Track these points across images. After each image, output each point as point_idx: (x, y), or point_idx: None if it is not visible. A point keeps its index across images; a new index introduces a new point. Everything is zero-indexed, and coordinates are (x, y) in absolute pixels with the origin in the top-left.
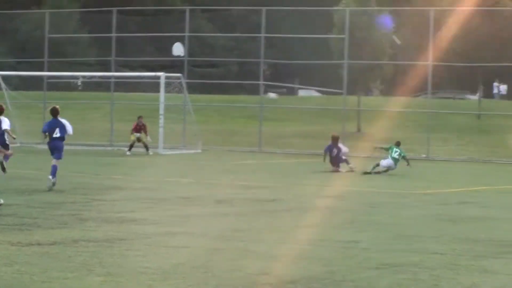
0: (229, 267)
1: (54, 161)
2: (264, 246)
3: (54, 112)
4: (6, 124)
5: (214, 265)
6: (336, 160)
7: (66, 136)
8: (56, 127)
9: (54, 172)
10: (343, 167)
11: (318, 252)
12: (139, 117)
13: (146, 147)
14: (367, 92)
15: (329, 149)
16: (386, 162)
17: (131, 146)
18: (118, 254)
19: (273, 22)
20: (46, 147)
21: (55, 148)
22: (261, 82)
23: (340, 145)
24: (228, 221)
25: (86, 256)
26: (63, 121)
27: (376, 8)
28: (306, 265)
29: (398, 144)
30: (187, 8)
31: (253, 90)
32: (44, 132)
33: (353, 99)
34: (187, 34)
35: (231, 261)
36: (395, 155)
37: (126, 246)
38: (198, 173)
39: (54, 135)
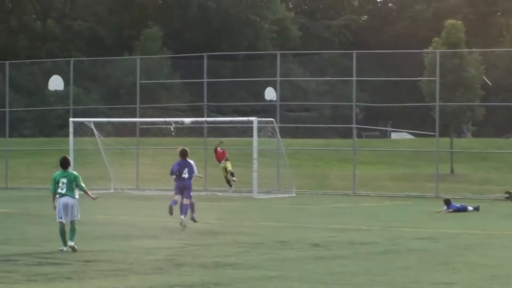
0: None
1: (184, 200)
2: None
3: (183, 154)
4: (195, 170)
5: None
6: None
7: (193, 176)
8: (185, 167)
9: (185, 210)
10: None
11: None
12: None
13: (229, 180)
14: (459, 133)
15: (463, 208)
16: None
17: (227, 180)
18: None
19: (365, 65)
20: (139, 192)
21: (185, 187)
22: (354, 125)
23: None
24: (324, 264)
25: None
26: (191, 162)
27: (466, 50)
28: None
29: None
30: (278, 52)
31: (346, 134)
32: (173, 174)
33: (445, 141)
34: (278, 78)
35: None
36: None
37: None
38: (293, 217)
39: (183, 175)
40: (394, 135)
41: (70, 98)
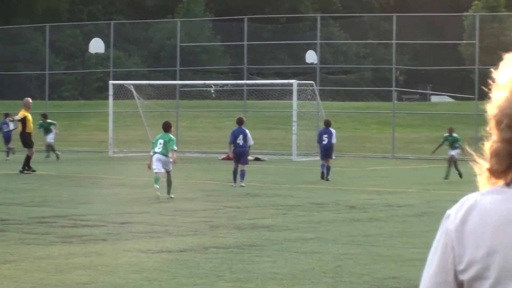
0: (359, 271)
1: (240, 166)
2: (394, 251)
3: (239, 122)
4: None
5: (343, 270)
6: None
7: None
8: (240, 134)
9: (242, 176)
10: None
11: None
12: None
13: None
14: None
15: None
16: None
17: None
18: (248, 260)
19: (405, 29)
20: (179, 155)
21: (241, 153)
22: (393, 88)
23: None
24: (359, 226)
25: (216, 262)
26: (246, 131)
27: (505, 13)
28: None
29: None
30: (319, 15)
31: (386, 97)
32: (231, 143)
33: (485, 104)
34: (319, 41)
35: (361, 266)
36: None
37: (257, 252)
38: (331, 179)
39: (238, 141)
40: (434, 98)
41: (110, 60)
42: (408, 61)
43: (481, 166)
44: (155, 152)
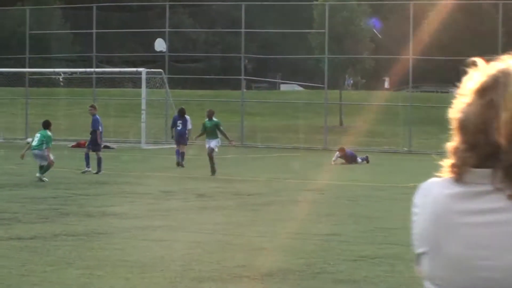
0: (208, 260)
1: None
2: (243, 239)
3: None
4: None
5: (192, 258)
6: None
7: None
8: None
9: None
10: None
11: (296, 245)
12: None
13: None
14: (349, 86)
15: (352, 155)
16: None
17: None
18: (98, 247)
19: (255, 17)
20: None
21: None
22: (243, 77)
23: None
24: (208, 214)
25: (66, 250)
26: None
27: (355, 2)
28: (284, 258)
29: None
30: (167, 3)
31: (236, 85)
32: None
33: (335, 93)
34: (167, 29)
35: (210, 254)
36: None
37: (106, 240)
38: (181, 168)
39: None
40: (283, 87)
41: None
42: (258, 49)
43: (444, 162)
44: (32, 146)
